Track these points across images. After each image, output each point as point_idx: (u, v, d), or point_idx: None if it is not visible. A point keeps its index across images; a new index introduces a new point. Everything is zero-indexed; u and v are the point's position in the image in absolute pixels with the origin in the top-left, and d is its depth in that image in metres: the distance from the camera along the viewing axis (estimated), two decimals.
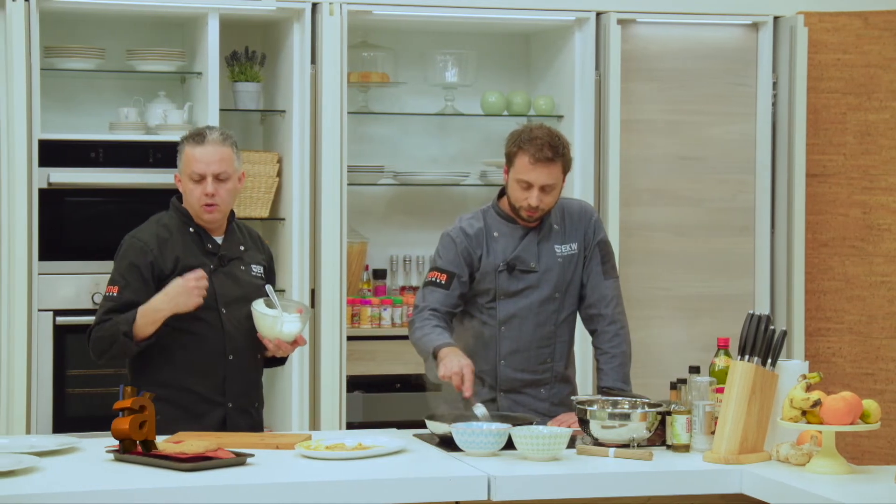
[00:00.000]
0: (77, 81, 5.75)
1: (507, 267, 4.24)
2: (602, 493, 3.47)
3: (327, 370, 5.52)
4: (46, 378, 5.31)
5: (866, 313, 6.01)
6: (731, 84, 6.00)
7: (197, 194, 4.07)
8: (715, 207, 6.00)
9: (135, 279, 4.03)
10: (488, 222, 4.29)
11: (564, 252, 4.29)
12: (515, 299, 4.26)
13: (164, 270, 4.04)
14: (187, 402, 4.03)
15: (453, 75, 6.04)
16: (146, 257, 4.05)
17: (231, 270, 4.15)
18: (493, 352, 4.25)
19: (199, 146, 4.09)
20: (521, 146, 4.15)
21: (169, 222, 4.14)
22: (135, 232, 4.13)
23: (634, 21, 5.89)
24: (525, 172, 4.14)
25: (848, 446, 5.50)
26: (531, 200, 4.15)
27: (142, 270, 4.04)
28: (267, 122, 5.95)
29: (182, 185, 4.12)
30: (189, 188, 4.09)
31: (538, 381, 4.28)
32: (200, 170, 4.06)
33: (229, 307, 4.10)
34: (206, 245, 4.13)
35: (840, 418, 3.42)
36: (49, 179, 5.32)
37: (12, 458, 3.41)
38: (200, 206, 4.08)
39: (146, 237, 4.09)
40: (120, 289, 4.03)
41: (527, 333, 4.26)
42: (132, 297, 4.01)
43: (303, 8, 5.56)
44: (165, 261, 4.05)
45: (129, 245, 4.09)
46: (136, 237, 4.10)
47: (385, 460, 3.59)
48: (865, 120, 6.02)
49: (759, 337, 3.64)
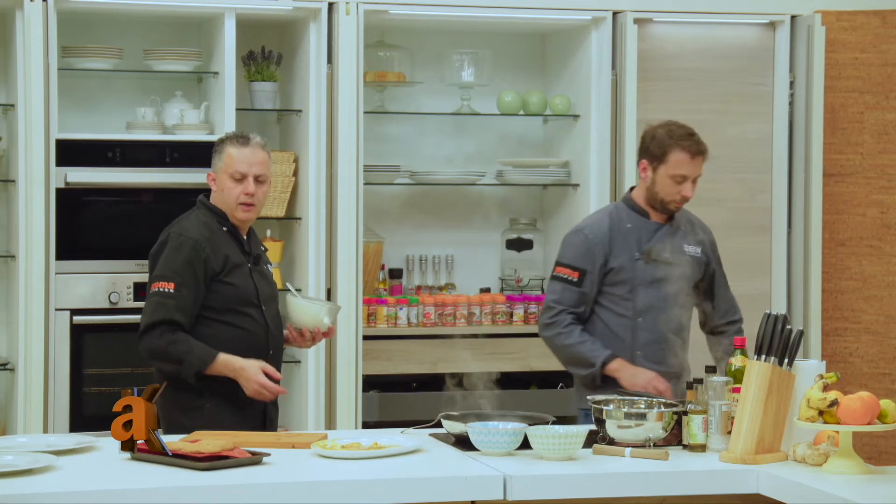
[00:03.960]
0: (94, 81, 5.77)
1: (644, 256, 4.43)
2: (618, 493, 3.47)
3: (343, 369, 5.53)
4: (63, 377, 5.33)
5: (883, 313, 5.99)
6: (748, 83, 5.99)
7: (236, 193, 4.14)
8: (732, 207, 5.98)
9: (190, 276, 4.07)
10: (619, 216, 4.48)
11: (692, 252, 4.53)
12: (652, 290, 4.43)
13: (216, 268, 4.11)
14: (235, 395, 4.09)
15: (469, 75, 6.03)
16: (200, 254, 4.10)
17: (261, 269, 4.26)
18: (627, 344, 4.39)
19: (242, 147, 4.17)
20: (677, 143, 4.40)
21: (207, 220, 4.18)
22: (180, 229, 4.14)
23: (651, 20, 5.88)
24: (682, 167, 4.40)
25: (865, 447, 5.48)
26: (685, 192, 4.43)
27: (196, 268, 4.08)
28: (283, 122, 5.96)
29: (218, 183, 4.18)
30: (228, 186, 4.16)
31: (670, 373, 4.39)
32: (243, 169, 4.14)
33: (266, 305, 4.21)
34: (241, 244, 4.21)
35: (857, 418, 3.41)
36: (66, 179, 5.34)
37: (30, 456, 3.42)
38: (238, 205, 4.15)
39: (196, 235, 4.12)
40: (176, 286, 4.06)
41: (662, 324, 4.41)
42: (189, 294, 4.06)
43: (319, 7, 5.56)
44: (217, 259, 4.12)
45: (181, 242, 4.11)
46: (187, 234, 4.12)
47: (401, 460, 3.59)
48: (883, 119, 6.00)
49: (775, 337, 3.64)
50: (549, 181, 6.07)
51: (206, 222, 4.16)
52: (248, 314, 4.15)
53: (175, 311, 4.03)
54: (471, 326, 5.83)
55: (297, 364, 5.70)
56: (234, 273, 4.13)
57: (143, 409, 3.52)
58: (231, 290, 4.12)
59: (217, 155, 4.20)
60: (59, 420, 5.30)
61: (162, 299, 4.05)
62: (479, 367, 5.42)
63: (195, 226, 4.15)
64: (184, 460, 3.41)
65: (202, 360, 4.02)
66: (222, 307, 4.12)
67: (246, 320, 4.15)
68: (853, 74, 6.01)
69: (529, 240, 6.16)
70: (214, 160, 4.20)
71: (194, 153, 5.50)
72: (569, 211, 6.05)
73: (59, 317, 5.33)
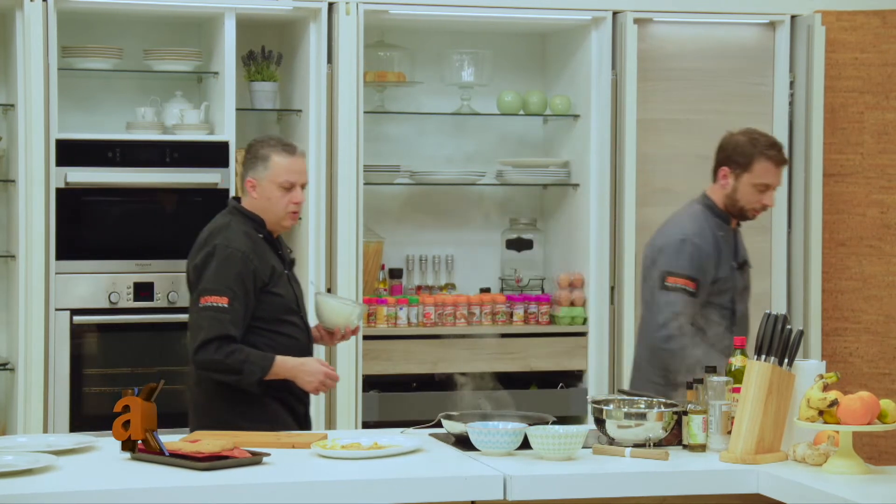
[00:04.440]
0: (94, 81, 5.77)
1: (740, 264, 4.50)
2: (618, 493, 3.47)
3: (343, 369, 5.53)
4: (63, 377, 5.33)
5: (883, 313, 5.99)
6: (747, 83, 5.99)
7: (285, 202, 4.18)
8: None
9: (241, 290, 4.10)
10: (710, 223, 4.50)
11: None
12: (744, 296, 4.51)
13: (264, 279, 4.15)
14: (287, 399, 4.18)
15: (469, 75, 6.03)
16: (248, 266, 4.12)
17: (293, 274, 4.33)
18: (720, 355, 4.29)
19: (290, 156, 4.20)
20: (763, 152, 4.46)
21: (246, 229, 4.19)
22: (225, 240, 4.14)
23: (651, 20, 5.88)
24: (767, 176, 4.48)
25: (865, 447, 5.48)
26: (767, 201, 4.51)
27: (245, 281, 4.11)
28: (283, 122, 5.96)
29: (263, 191, 4.18)
30: (276, 196, 4.17)
31: None
32: (294, 179, 4.18)
33: (303, 309, 4.28)
34: (278, 251, 4.26)
35: (857, 418, 3.41)
36: (66, 179, 5.34)
37: (30, 456, 3.42)
38: (287, 214, 4.19)
39: (242, 246, 4.14)
40: (229, 300, 4.07)
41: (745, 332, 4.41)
42: (241, 308, 4.08)
43: (319, 7, 5.56)
44: (264, 270, 4.15)
45: (229, 255, 4.11)
46: (233, 246, 4.12)
47: (401, 460, 3.59)
48: (883, 119, 6.00)
49: (775, 336, 3.64)
50: (549, 181, 6.07)
51: (246, 231, 4.18)
52: (292, 321, 4.22)
53: (230, 326, 4.06)
54: (471, 326, 5.83)
55: None
56: (278, 283, 4.19)
57: (141, 409, 3.52)
58: (277, 300, 4.18)
59: (260, 162, 4.19)
60: (59, 420, 5.30)
61: (216, 314, 4.06)
62: (479, 367, 5.44)
63: (238, 236, 4.15)
64: (184, 460, 3.41)
65: (262, 367, 4.06)
66: (270, 317, 4.17)
67: (291, 328, 4.21)
68: (853, 74, 6.01)
69: (529, 240, 6.16)
70: (255, 167, 4.19)
71: (194, 153, 5.50)
72: (569, 211, 6.05)
73: (59, 317, 5.33)
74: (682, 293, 4.38)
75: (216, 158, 5.50)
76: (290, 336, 4.20)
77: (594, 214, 5.86)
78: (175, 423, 4.32)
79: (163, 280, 5.46)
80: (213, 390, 4.12)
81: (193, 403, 4.26)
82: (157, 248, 5.46)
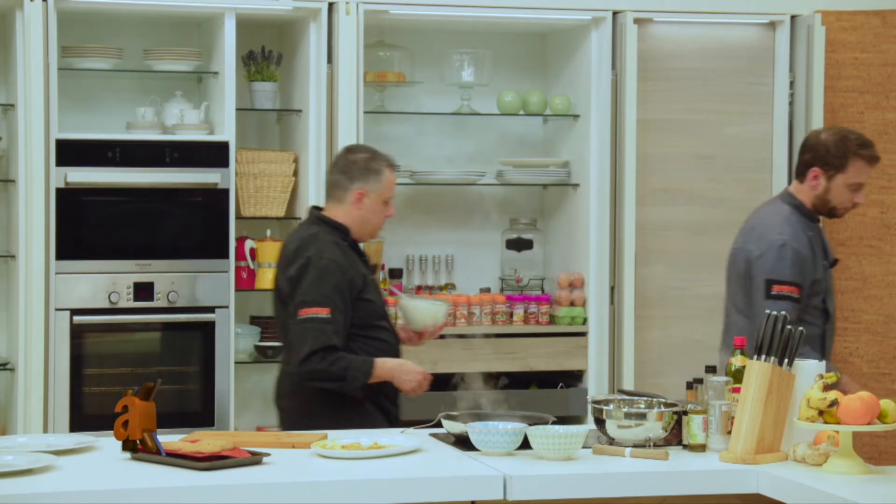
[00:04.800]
0: (94, 81, 5.77)
1: (832, 263, 4.50)
2: (618, 493, 3.47)
3: None
4: (63, 377, 5.33)
5: (884, 313, 5.99)
6: (747, 83, 5.99)
7: (383, 215, 4.36)
8: (731, 207, 5.97)
9: (339, 300, 4.18)
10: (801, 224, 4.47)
11: None
12: (832, 297, 4.50)
13: (358, 287, 4.24)
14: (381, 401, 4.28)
15: (469, 75, 6.03)
16: (345, 276, 4.21)
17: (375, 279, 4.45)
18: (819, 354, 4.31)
19: (394, 172, 4.39)
20: (856, 152, 4.44)
21: (333, 238, 4.29)
22: (318, 252, 4.21)
23: (651, 20, 5.88)
24: (861, 175, 4.48)
25: (865, 447, 5.47)
26: (859, 199, 4.51)
27: (343, 291, 4.20)
28: (283, 122, 5.96)
29: (370, 204, 4.31)
30: (379, 209, 4.33)
31: None
32: (394, 194, 4.37)
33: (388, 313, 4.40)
34: (363, 258, 4.38)
35: (857, 418, 3.41)
36: (66, 179, 5.34)
37: (30, 456, 3.42)
38: (381, 226, 4.39)
39: (336, 257, 4.23)
40: (331, 310, 4.16)
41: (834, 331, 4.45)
42: (342, 318, 4.17)
43: (319, 7, 5.56)
44: (357, 278, 4.24)
45: (325, 266, 4.19)
46: (327, 257, 4.21)
47: (401, 460, 3.59)
48: (883, 119, 6.00)
49: (775, 336, 3.64)
50: (549, 181, 6.07)
51: (335, 241, 4.27)
52: (384, 326, 4.33)
53: (333, 336, 4.15)
54: (471, 326, 5.83)
55: None
56: (369, 289, 4.28)
57: (139, 409, 3.52)
58: (370, 305, 4.28)
59: (374, 175, 4.30)
60: (59, 420, 5.30)
61: (319, 325, 4.14)
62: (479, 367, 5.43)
63: (329, 247, 4.24)
64: (184, 460, 3.41)
65: (364, 371, 4.16)
66: (364, 323, 4.26)
67: (383, 332, 4.32)
68: (853, 74, 6.01)
69: (529, 240, 6.16)
70: (368, 178, 4.30)
71: (194, 153, 5.50)
72: (569, 211, 6.05)
73: (59, 317, 5.33)
74: (789, 301, 4.34)
75: (216, 158, 5.50)
76: (384, 340, 4.31)
77: (594, 214, 5.86)
78: (177, 423, 4.33)
79: (163, 280, 5.46)
80: (313, 398, 4.21)
81: (287, 411, 4.35)
82: (157, 248, 5.46)
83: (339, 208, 4.32)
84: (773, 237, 4.45)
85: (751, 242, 4.53)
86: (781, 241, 4.42)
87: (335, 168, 4.40)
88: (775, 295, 4.37)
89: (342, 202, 4.31)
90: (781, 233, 4.45)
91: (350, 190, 4.29)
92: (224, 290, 5.50)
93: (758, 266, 4.44)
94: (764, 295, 4.39)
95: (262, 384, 5.97)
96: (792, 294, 4.36)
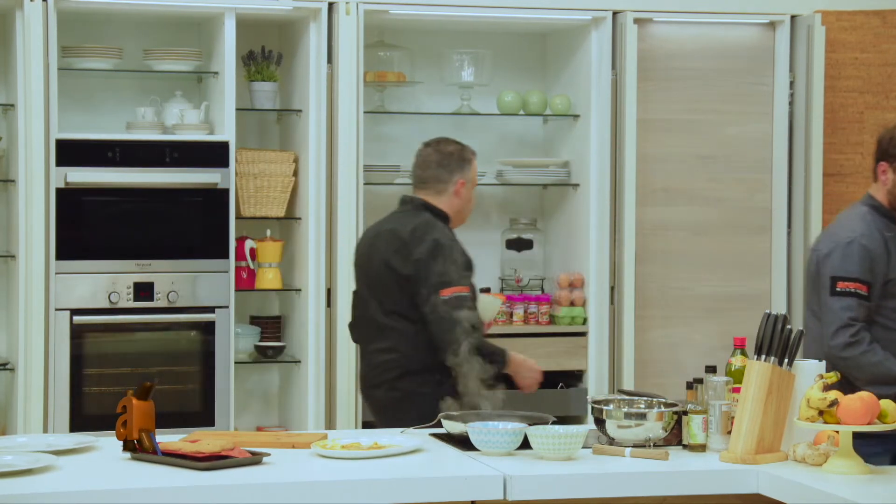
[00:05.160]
0: (94, 81, 5.77)
1: None
2: (618, 493, 3.47)
3: (343, 369, 5.52)
4: (63, 377, 5.33)
5: None
6: (747, 83, 5.99)
7: (474, 201, 4.56)
8: (732, 207, 5.98)
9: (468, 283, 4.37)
10: (877, 224, 4.31)
11: None
12: None
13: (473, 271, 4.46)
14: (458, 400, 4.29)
15: (469, 75, 6.03)
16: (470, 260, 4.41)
17: None
18: None
19: None
20: None
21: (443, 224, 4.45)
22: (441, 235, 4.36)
23: (651, 20, 5.88)
24: None
25: None
26: None
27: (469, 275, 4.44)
28: (283, 122, 5.96)
29: (466, 193, 4.49)
30: (471, 196, 4.53)
31: None
32: None
33: None
34: None
35: (857, 418, 3.41)
36: (66, 179, 5.34)
37: (30, 456, 3.42)
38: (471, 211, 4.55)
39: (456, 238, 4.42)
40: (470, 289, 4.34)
41: None
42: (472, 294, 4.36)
43: (319, 7, 5.56)
44: None
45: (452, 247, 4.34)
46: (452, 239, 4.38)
47: (401, 460, 3.59)
48: (883, 119, 6.00)
49: (775, 336, 3.63)
50: (549, 181, 6.07)
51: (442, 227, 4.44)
52: None
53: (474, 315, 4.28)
54: None
55: (297, 364, 5.70)
56: None
57: (136, 409, 3.52)
58: None
59: (468, 165, 4.50)
60: (59, 420, 5.30)
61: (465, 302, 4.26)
62: None
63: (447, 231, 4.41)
64: (184, 460, 3.41)
65: (503, 359, 4.37)
66: None
67: None
68: (853, 74, 6.01)
69: (529, 240, 6.16)
70: (464, 169, 4.49)
71: (194, 153, 5.50)
72: (569, 211, 6.05)
73: (59, 317, 5.33)
74: (855, 297, 4.19)
75: (216, 158, 5.50)
76: None
77: (594, 214, 5.86)
78: (177, 423, 4.33)
79: (163, 280, 5.46)
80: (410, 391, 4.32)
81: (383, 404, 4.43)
82: (157, 248, 5.46)
83: (439, 199, 4.47)
84: (842, 235, 4.30)
85: (821, 243, 4.40)
86: (849, 239, 4.26)
87: (429, 163, 4.51)
88: (840, 291, 4.21)
89: (442, 194, 4.47)
90: (853, 230, 4.29)
91: (451, 182, 4.46)
92: (224, 290, 5.50)
93: (825, 264, 4.29)
94: (829, 292, 4.24)
95: (262, 384, 5.98)
96: (858, 291, 4.19)
